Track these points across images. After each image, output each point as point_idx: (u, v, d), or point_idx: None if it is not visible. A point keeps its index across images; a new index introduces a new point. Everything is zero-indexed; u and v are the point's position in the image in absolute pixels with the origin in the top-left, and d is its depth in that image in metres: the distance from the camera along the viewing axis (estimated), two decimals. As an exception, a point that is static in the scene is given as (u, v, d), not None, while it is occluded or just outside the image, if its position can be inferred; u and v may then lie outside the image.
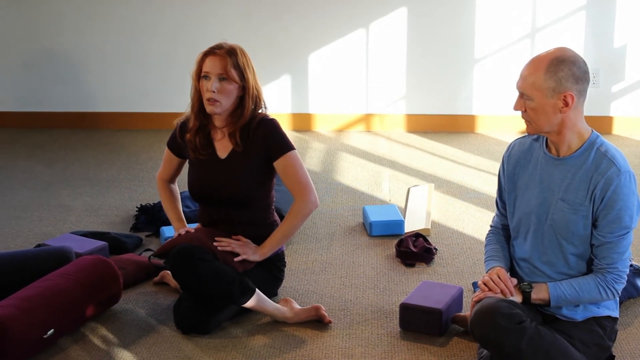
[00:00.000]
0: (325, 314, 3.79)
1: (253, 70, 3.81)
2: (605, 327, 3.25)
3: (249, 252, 3.75)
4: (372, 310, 3.90)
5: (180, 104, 7.19)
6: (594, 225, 3.14)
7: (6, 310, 3.37)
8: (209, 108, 3.75)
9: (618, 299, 3.31)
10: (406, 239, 4.53)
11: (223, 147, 3.84)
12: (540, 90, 3.08)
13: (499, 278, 3.23)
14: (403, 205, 5.27)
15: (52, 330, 3.50)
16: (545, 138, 3.26)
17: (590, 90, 6.85)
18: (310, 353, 3.52)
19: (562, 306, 3.23)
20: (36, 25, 7.17)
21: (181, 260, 3.59)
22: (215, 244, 3.69)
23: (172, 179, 4.12)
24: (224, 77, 3.72)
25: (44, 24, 7.16)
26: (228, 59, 3.72)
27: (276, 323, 3.77)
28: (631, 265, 3.93)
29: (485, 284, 3.24)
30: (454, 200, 5.38)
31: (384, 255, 4.53)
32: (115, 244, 4.59)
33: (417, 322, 3.64)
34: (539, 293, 3.22)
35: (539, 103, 3.10)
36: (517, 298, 3.24)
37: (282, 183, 4.99)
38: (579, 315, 3.23)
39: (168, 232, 4.59)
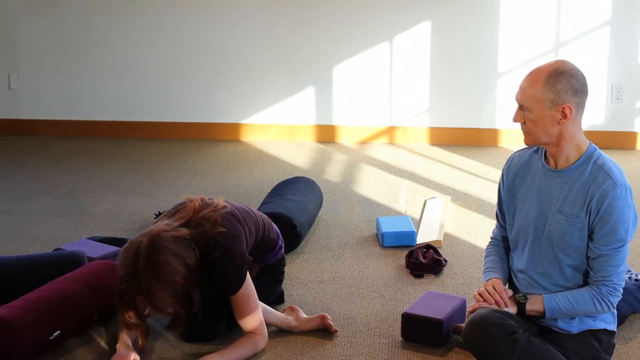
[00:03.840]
0: (331, 323, 3.81)
1: (171, 258, 3.28)
2: (602, 340, 3.26)
3: None
4: (376, 319, 3.92)
5: (203, 114, 7.36)
6: (590, 237, 3.15)
7: (12, 312, 3.45)
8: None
9: (616, 312, 3.32)
10: (416, 250, 4.56)
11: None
12: (538, 102, 3.11)
13: (494, 289, 3.25)
14: (418, 217, 5.29)
15: (59, 332, 3.57)
16: (544, 150, 3.28)
17: (614, 105, 6.91)
18: (311, 359, 3.56)
19: (558, 318, 3.24)
20: (65, 34, 7.31)
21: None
22: None
23: None
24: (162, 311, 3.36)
25: (72, 33, 7.30)
26: (146, 302, 3.28)
27: (282, 331, 3.81)
28: (637, 279, 3.92)
29: (480, 295, 3.26)
30: (469, 213, 5.39)
31: (394, 266, 4.56)
32: (130, 250, 4.65)
33: (418, 331, 3.66)
34: (533, 304, 3.24)
35: (537, 115, 3.13)
36: (512, 309, 3.25)
37: (296, 192, 5.06)
38: (575, 327, 3.24)
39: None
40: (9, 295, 3.71)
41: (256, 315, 3.59)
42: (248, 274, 3.58)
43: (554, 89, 3.09)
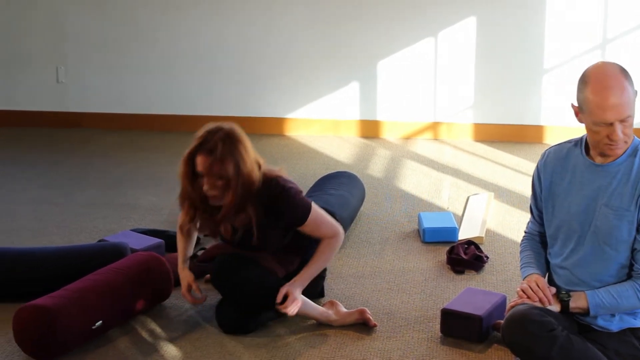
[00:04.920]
0: (371, 317, 3.82)
1: (244, 155, 3.62)
2: (643, 339, 3.22)
3: (297, 293, 3.73)
4: (415, 315, 3.93)
5: (247, 108, 7.39)
6: (638, 230, 3.12)
7: (55, 301, 3.51)
8: (211, 200, 3.68)
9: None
10: (458, 246, 4.55)
11: (236, 221, 3.77)
12: (633, 103, 3.06)
13: (538, 286, 3.22)
14: (461, 213, 5.28)
15: (101, 321, 3.62)
16: (585, 144, 3.24)
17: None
18: (349, 354, 3.57)
19: (601, 315, 3.20)
20: (113, 28, 7.39)
21: (221, 273, 3.73)
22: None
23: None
24: (216, 175, 3.61)
25: (120, 27, 7.38)
26: (215, 157, 3.58)
27: (321, 324, 3.83)
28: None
29: (523, 292, 3.23)
30: (512, 210, 5.36)
31: (435, 261, 4.55)
32: (173, 242, 4.67)
33: (457, 327, 3.65)
34: (577, 301, 3.20)
35: (633, 116, 3.08)
36: (556, 307, 3.22)
37: (338, 187, 5.08)
38: (615, 325, 3.21)
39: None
40: (53, 285, 3.78)
41: (330, 224, 3.83)
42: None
43: (632, 85, 3.06)
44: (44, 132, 7.44)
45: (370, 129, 7.21)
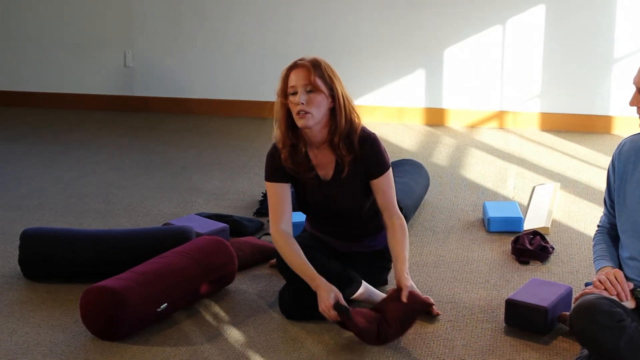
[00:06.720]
0: (434, 306, 3.81)
1: (340, 81, 3.71)
2: None
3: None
4: (479, 304, 3.90)
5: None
6: None
7: (123, 283, 3.56)
8: (300, 122, 3.64)
9: None
10: (523, 236, 4.50)
11: (324, 168, 3.78)
12: None
13: (617, 280, 3.16)
14: (526, 203, 5.22)
15: (166, 304, 3.66)
16: None
17: None
18: (412, 342, 3.56)
19: None
20: (179, 13, 7.44)
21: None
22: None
23: (288, 219, 3.76)
24: (310, 89, 3.64)
25: (186, 13, 7.44)
26: (312, 70, 3.66)
27: (383, 312, 3.82)
28: None
29: (601, 283, 3.17)
30: (579, 201, 5.29)
31: (499, 251, 4.51)
32: (237, 226, 4.73)
33: (522, 318, 3.61)
34: None
35: None
36: (630, 304, 3.16)
37: (403, 175, 5.06)
38: (684, 320, 3.15)
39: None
40: (120, 267, 3.83)
41: (395, 196, 3.82)
42: None
43: None
44: (111, 115, 7.55)
45: (435, 117, 7.17)
